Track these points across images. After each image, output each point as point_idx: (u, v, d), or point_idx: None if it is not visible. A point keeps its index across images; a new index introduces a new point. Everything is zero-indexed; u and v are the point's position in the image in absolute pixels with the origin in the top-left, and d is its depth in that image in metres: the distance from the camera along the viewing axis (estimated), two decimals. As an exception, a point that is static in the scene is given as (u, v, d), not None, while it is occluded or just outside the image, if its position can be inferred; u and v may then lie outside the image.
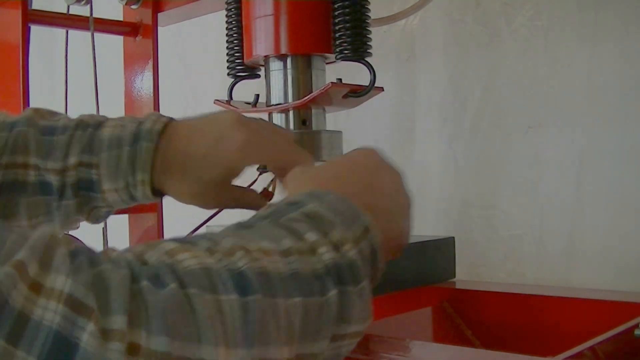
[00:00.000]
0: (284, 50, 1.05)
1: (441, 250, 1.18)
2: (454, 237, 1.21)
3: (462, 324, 1.13)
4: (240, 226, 0.58)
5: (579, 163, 1.32)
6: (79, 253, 0.45)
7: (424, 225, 1.50)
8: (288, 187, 0.73)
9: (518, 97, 1.41)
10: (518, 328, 1.07)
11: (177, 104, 2.06)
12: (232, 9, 1.12)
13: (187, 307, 0.45)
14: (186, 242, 0.52)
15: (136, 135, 0.83)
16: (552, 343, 1.00)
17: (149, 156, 0.83)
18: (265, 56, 1.07)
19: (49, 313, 0.41)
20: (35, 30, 1.41)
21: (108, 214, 0.91)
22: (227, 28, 1.13)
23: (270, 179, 0.90)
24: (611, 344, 0.78)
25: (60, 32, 1.59)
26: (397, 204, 0.71)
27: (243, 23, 1.10)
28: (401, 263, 1.11)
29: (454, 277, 1.20)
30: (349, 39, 1.01)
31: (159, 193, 0.86)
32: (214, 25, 1.84)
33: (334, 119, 1.12)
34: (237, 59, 1.11)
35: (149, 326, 0.43)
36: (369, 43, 1.03)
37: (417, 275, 1.14)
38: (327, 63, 1.10)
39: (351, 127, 1.63)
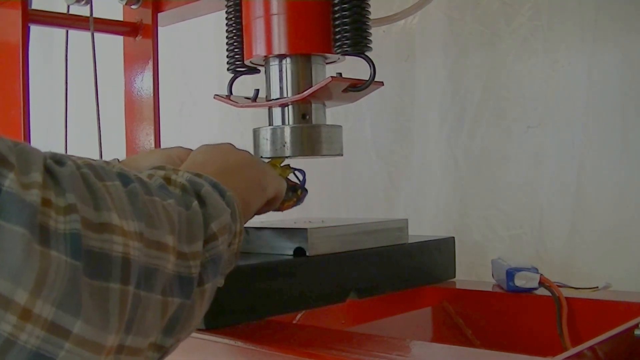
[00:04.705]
0: (283, 50, 1.05)
1: (441, 250, 1.18)
2: (453, 237, 1.21)
3: (462, 324, 1.13)
4: None
5: (578, 162, 1.32)
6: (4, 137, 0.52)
7: (424, 225, 1.51)
8: None
9: (517, 96, 1.41)
10: (518, 328, 1.07)
11: (175, 104, 2.07)
12: (232, 6, 1.12)
13: (83, 181, 0.55)
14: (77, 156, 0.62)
15: None
16: (552, 343, 1.00)
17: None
18: (265, 56, 1.07)
19: None
20: (35, 30, 1.41)
21: None
22: (227, 24, 1.13)
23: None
24: (611, 344, 0.78)
25: (60, 32, 1.59)
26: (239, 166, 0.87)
27: (243, 23, 1.10)
28: (401, 263, 1.12)
29: (454, 277, 1.20)
30: (348, 34, 1.01)
31: None
32: (211, 25, 1.85)
33: (333, 119, 1.12)
34: (236, 55, 1.12)
35: (58, 188, 0.52)
36: (369, 38, 1.03)
37: (417, 275, 1.14)
38: (327, 63, 1.10)
39: (350, 127, 1.64)
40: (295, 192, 1.01)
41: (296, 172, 1.03)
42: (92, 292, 0.51)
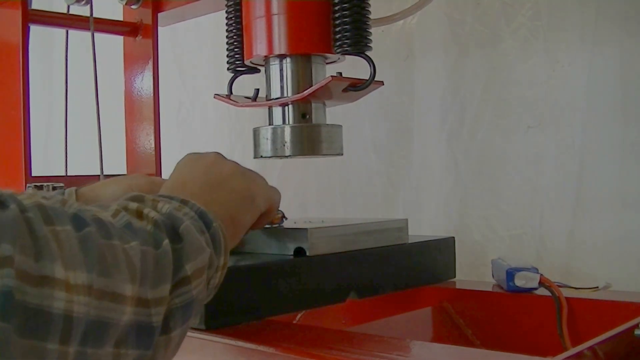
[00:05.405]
0: (283, 50, 1.05)
1: (441, 250, 1.18)
2: (454, 237, 1.21)
3: (462, 324, 1.13)
4: None
5: (579, 162, 1.32)
6: None
7: (424, 225, 1.51)
8: None
9: (518, 96, 1.41)
10: (518, 328, 1.07)
11: (173, 103, 2.07)
12: (232, 6, 1.12)
13: (26, 226, 0.50)
14: (30, 193, 0.58)
15: None
16: (552, 343, 1.00)
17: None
18: (265, 56, 1.07)
19: None
20: (35, 30, 1.41)
21: None
22: (227, 24, 1.13)
23: None
24: (611, 344, 0.78)
25: (60, 32, 1.59)
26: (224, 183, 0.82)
27: (243, 23, 1.10)
28: (401, 263, 1.12)
29: (454, 277, 1.20)
30: (348, 34, 1.01)
31: None
32: (209, 24, 1.85)
33: (332, 120, 1.12)
34: (236, 54, 1.12)
35: None
36: (369, 37, 1.03)
37: (417, 275, 1.14)
38: (327, 63, 1.10)
39: (349, 128, 1.64)
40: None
41: None
42: (25, 354, 0.48)
